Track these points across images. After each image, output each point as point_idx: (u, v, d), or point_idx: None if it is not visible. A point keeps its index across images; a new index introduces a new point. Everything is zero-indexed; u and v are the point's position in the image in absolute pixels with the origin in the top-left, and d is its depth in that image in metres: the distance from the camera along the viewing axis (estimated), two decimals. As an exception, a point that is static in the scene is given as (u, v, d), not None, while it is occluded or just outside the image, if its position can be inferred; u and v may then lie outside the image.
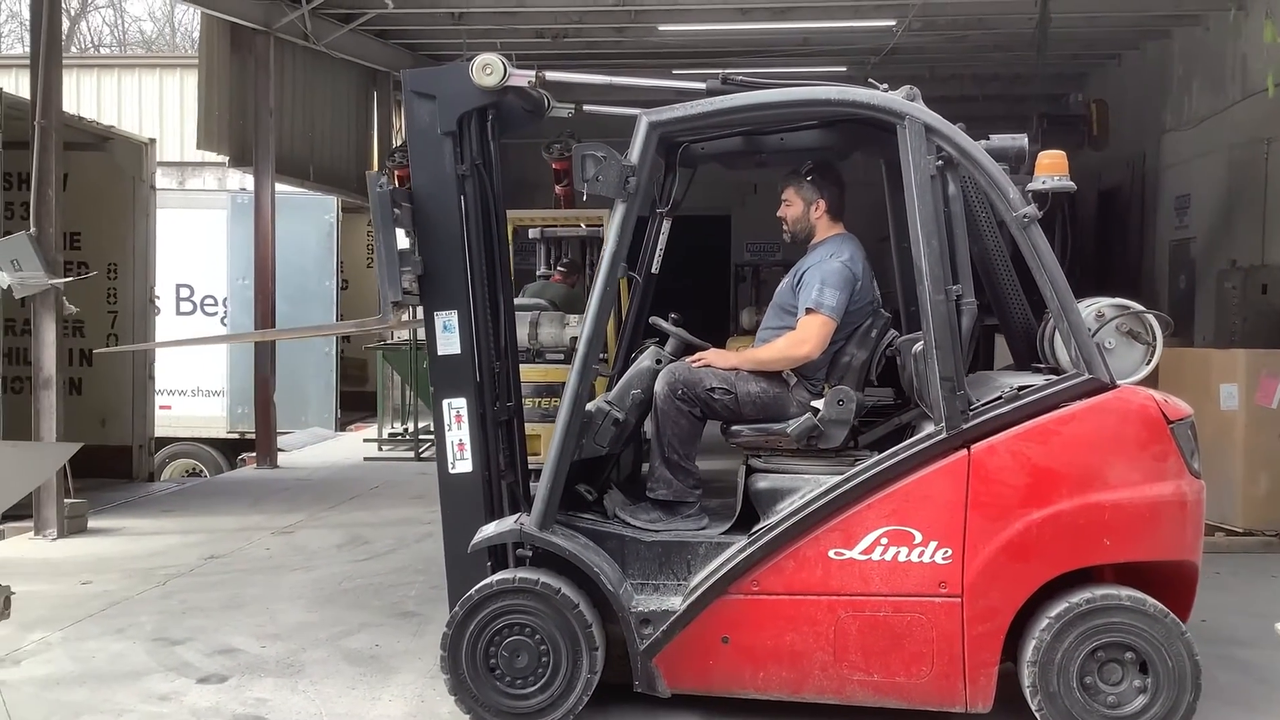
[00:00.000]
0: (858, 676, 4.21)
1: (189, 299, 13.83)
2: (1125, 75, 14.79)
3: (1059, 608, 4.08)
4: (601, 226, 9.21)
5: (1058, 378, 4.23)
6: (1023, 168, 4.47)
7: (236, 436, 13.49)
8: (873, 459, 4.26)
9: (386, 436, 12.85)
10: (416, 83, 4.56)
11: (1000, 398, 4.18)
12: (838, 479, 4.25)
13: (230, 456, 13.50)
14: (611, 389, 4.90)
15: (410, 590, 6.43)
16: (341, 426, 14.40)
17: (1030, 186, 4.23)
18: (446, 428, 4.52)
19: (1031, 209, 4.16)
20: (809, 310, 4.57)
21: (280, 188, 12.09)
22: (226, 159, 12.36)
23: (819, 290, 4.56)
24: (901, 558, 4.15)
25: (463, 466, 4.52)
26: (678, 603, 4.28)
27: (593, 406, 4.61)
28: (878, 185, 5.09)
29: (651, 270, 5.32)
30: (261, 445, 11.67)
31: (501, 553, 4.47)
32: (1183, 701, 4.03)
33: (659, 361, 4.77)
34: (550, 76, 4.54)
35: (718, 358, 4.73)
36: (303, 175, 13.16)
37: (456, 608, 4.32)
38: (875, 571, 4.17)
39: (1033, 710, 4.10)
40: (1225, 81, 11.62)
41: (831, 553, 4.19)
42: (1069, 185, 4.26)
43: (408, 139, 4.66)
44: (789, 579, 4.22)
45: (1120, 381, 4.20)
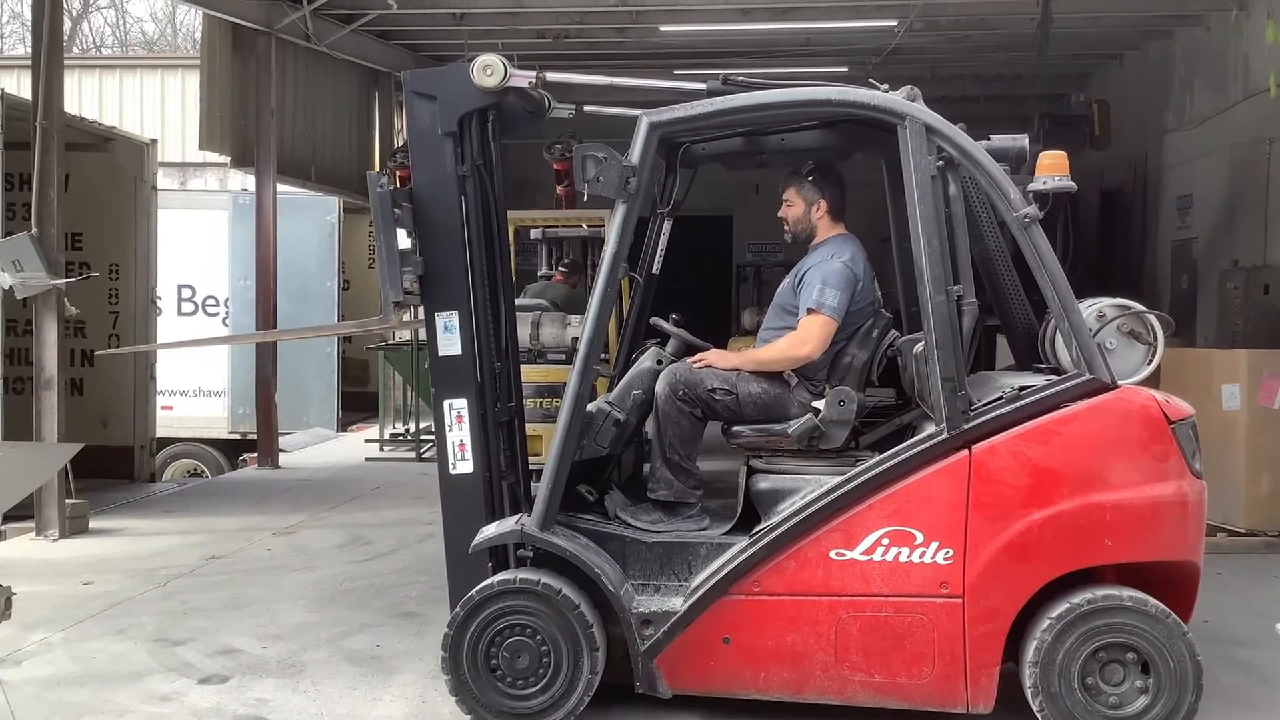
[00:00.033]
0: (859, 677, 4.20)
1: (190, 299, 13.83)
2: (1127, 75, 14.79)
3: (1060, 608, 4.08)
4: (603, 227, 9.20)
5: (1059, 378, 4.23)
6: (1024, 168, 4.47)
7: (238, 437, 13.49)
8: (874, 459, 4.26)
9: (388, 437, 12.86)
10: (417, 83, 4.56)
11: (1001, 398, 4.18)
12: (839, 479, 4.25)
13: (232, 457, 13.50)
14: (612, 390, 4.90)
15: (411, 591, 6.44)
16: (343, 427, 14.40)
17: (1031, 187, 4.23)
18: (447, 428, 4.52)
19: (1032, 209, 4.16)
20: (810, 311, 4.57)
21: (282, 188, 12.10)
22: (228, 160, 12.37)
23: (820, 290, 4.56)
24: (903, 558, 4.15)
25: (464, 467, 4.52)
26: (679, 603, 4.28)
27: (594, 407, 4.61)
28: (879, 185, 5.09)
29: (652, 271, 5.32)
30: (263, 446, 11.68)
31: (502, 553, 4.48)
32: (1184, 702, 4.03)
33: (660, 362, 4.77)
34: (551, 77, 4.54)
35: (719, 358, 4.73)
36: (304, 176, 13.18)
37: (457, 608, 4.32)
38: (876, 572, 4.17)
39: (1034, 711, 4.09)
40: (1227, 81, 11.61)
41: (833, 553, 4.19)
42: (1070, 185, 4.26)
43: (408, 139, 4.66)
44: (790, 580, 4.22)
45: (1121, 382, 4.20)
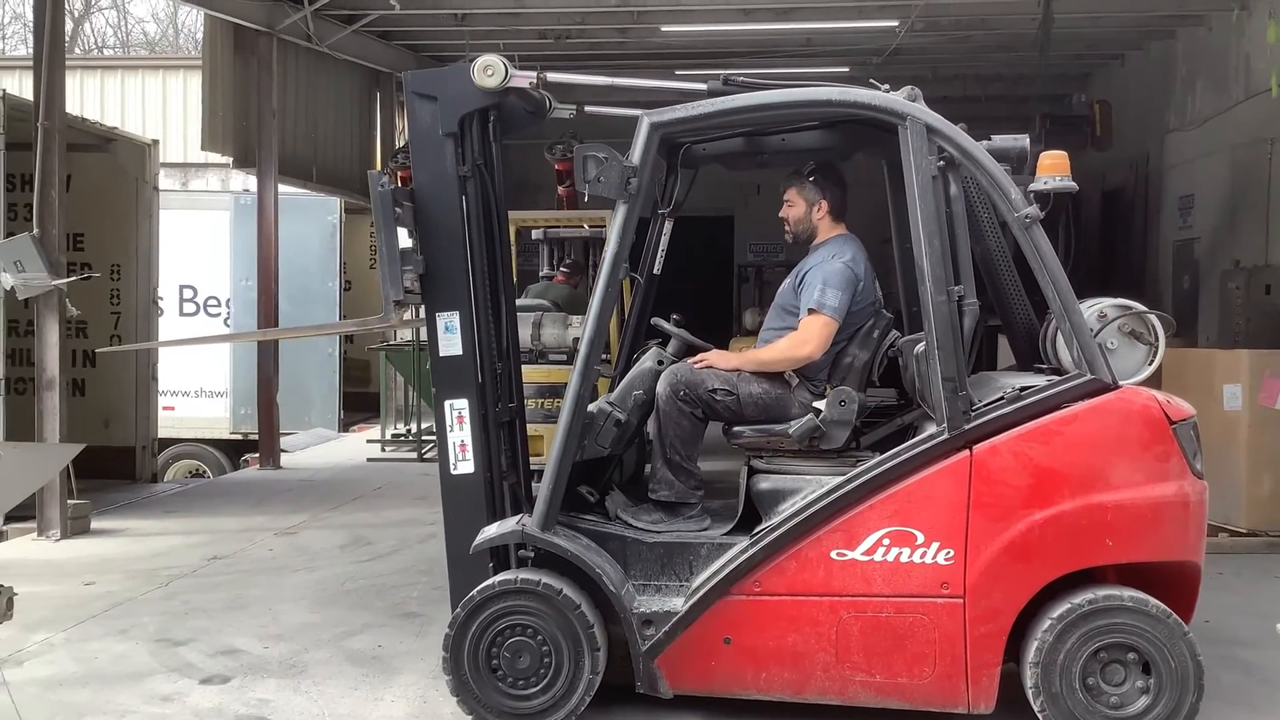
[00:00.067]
0: (860, 677, 4.20)
1: (192, 300, 13.84)
2: (1128, 75, 14.78)
3: (1061, 608, 4.07)
4: (604, 227, 9.19)
5: (1060, 378, 4.22)
6: (1025, 168, 4.46)
7: (240, 437, 13.50)
8: (875, 460, 4.26)
9: (389, 437, 12.87)
10: (418, 84, 4.56)
11: (1002, 398, 4.18)
12: (840, 480, 4.25)
13: (233, 457, 13.50)
14: (613, 390, 4.90)
15: (413, 591, 6.44)
16: (344, 427, 14.40)
17: (1032, 187, 4.23)
18: (448, 429, 4.52)
19: (1033, 209, 4.16)
20: (811, 311, 4.57)
21: (283, 189, 12.11)
22: (230, 160, 12.38)
23: (821, 291, 4.56)
24: (904, 558, 4.15)
25: (465, 467, 4.52)
26: (680, 604, 4.28)
27: (595, 407, 4.61)
28: (880, 186, 5.09)
29: (653, 271, 5.32)
30: (264, 446, 11.68)
31: (504, 554, 4.48)
32: (1185, 702, 4.03)
33: (661, 362, 4.77)
34: (552, 77, 4.53)
35: (719, 359, 4.73)
36: (305, 176, 13.19)
37: (458, 609, 4.32)
38: (877, 572, 4.16)
39: (1035, 711, 4.09)
40: (1229, 82, 11.60)
41: (834, 553, 4.19)
42: (1071, 186, 4.26)
43: (409, 140, 4.66)
44: (791, 580, 4.22)
45: (1122, 382, 4.20)
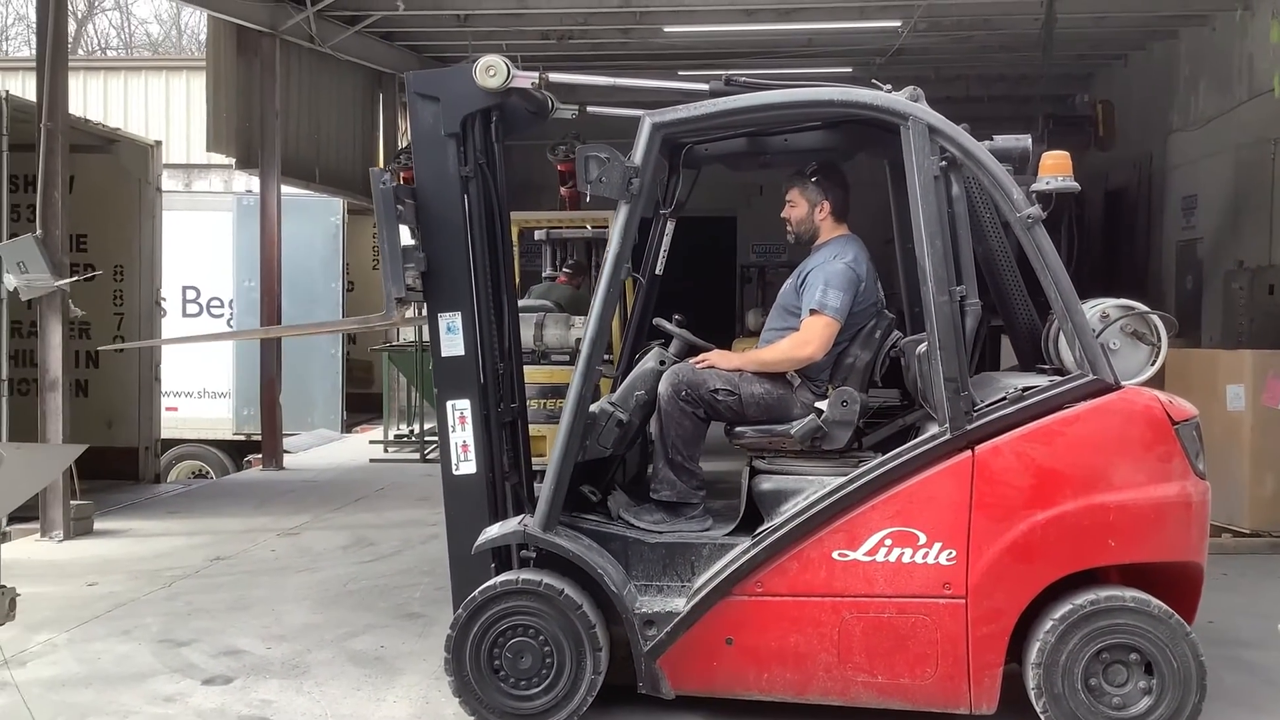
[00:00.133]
0: (862, 678, 4.20)
1: (195, 301, 13.86)
2: (1131, 76, 14.77)
3: (1063, 609, 4.07)
4: (607, 228, 9.19)
5: (1062, 379, 4.22)
6: (1027, 168, 4.46)
7: (243, 438, 13.50)
8: (877, 460, 4.25)
9: (392, 438, 12.88)
10: (420, 84, 4.56)
11: (1004, 399, 4.18)
12: (842, 480, 4.25)
13: (236, 458, 13.51)
14: (615, 390, 4.90)
15: (415, 592, 6.44)
16: (347, 428, 14.42)
17: (1034, 187, 4.22)
18: (450, 429, 4.52)
19: (1035, 210, 4.15)
20: (813, 311, 4.57)
21: (286, 190, 12.11)
22: (233, 161, 12.38)
23: (823, 291, 4.56)
24: (906, 559, 4.15)
25: (467, 468, 4.52)
26: (681, 604, 4.28)
27: (597, 408, 4.61)
28: (882, 186, 5.08)
29: (655, 271, 5.32)
30: (267, 447, 11.69)
31: (505, 554, 4.48)
32: (1188, 703, 4.03)
33: (663, 363, 4.77)
34: (554, 78, 4.53)
35: (721, 359, 4.73)
36: (308, 177, 13.20)
37: (460, 609, 4.33)
38: (879, 573, 4.16)
39: (1037, 712, 4.09)
40: (1232, 82, 11.59)
41: (835, 554, 4.19)
42: (1073, 186, 4.25)
43: (411, 141, 4.67)
44: (793, 580, 4.22)
45: (1125, 382, 4.19)
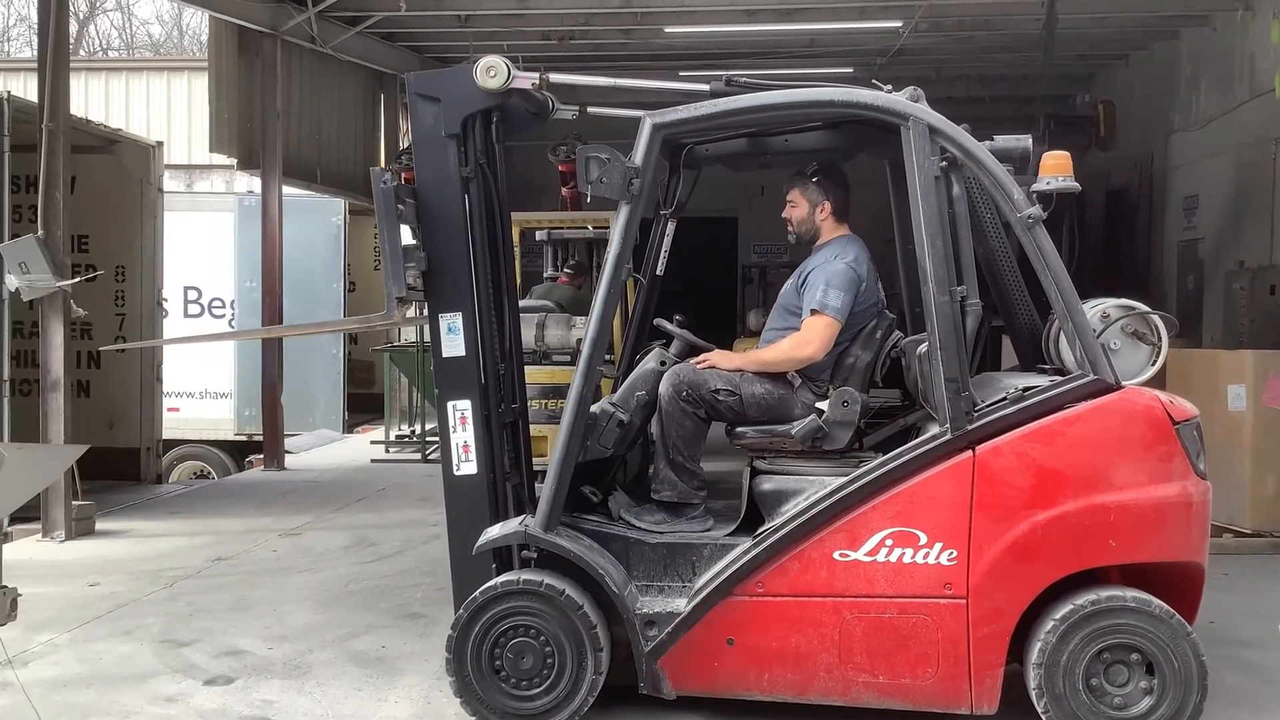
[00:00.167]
0: (863, 678, 4.20)
1: (196, 301, 13.88)
2: (1133, 76, 14.76)
3: (1064, 609, 4.07)
4: (608, 229, 9.19)
5: (1063, 379, 4.22)
6: (1028, 168, 4.46)
7: (244, 439, 13.52)
8: (877, 460, 4.25)
9: (394, 439, 12.88)
10: (421, 85, 4.57)
11: (1005, 399, 4.18)
12: (842, 480, 4.25)
13: (238, 458, 13.53)
14: (616, 391, 4.90)
15: (417, 592, 6.44)
16: (349, 428, 14.43)
17: (1034, 187, 4.22)
18: (451, 430, 4.52)
19: (1036, 210, 4.15)
20: (814, 311, 4.57)
21: (287, 190, 12.12)
22: (234, 162, 12.39)
23: (823, 291, 4.56)
24: (906, 559, 4.15)
25: (468, 468, 4.52)
26: (682, 604, 4.28)
27: (598, 408, 4.61)
28: (883, 186, 5.09)
29: (656, 272, 5.32)
30: (269, 447, 11.70)
31: (506, 554, 4.48)
32: (1189, 703, 4.03)
33: (664, 363, 4.78)
34: (555, 79, 4.53)
35: (722, 359, 4.73)
36: (310, 178, 13.20)
37: (461, 610, 4.33)
38: (880, 573, 4.16)
39: (1039, 712, 4.09)
40: (1233, 82, 11.59)
41: (836, 554, 4.19)
42: (1073, 186, 4.25)
43: (412, 141, 4.67)
44: (794, 581, 4.22)
45: (1126, 382, 4.19)
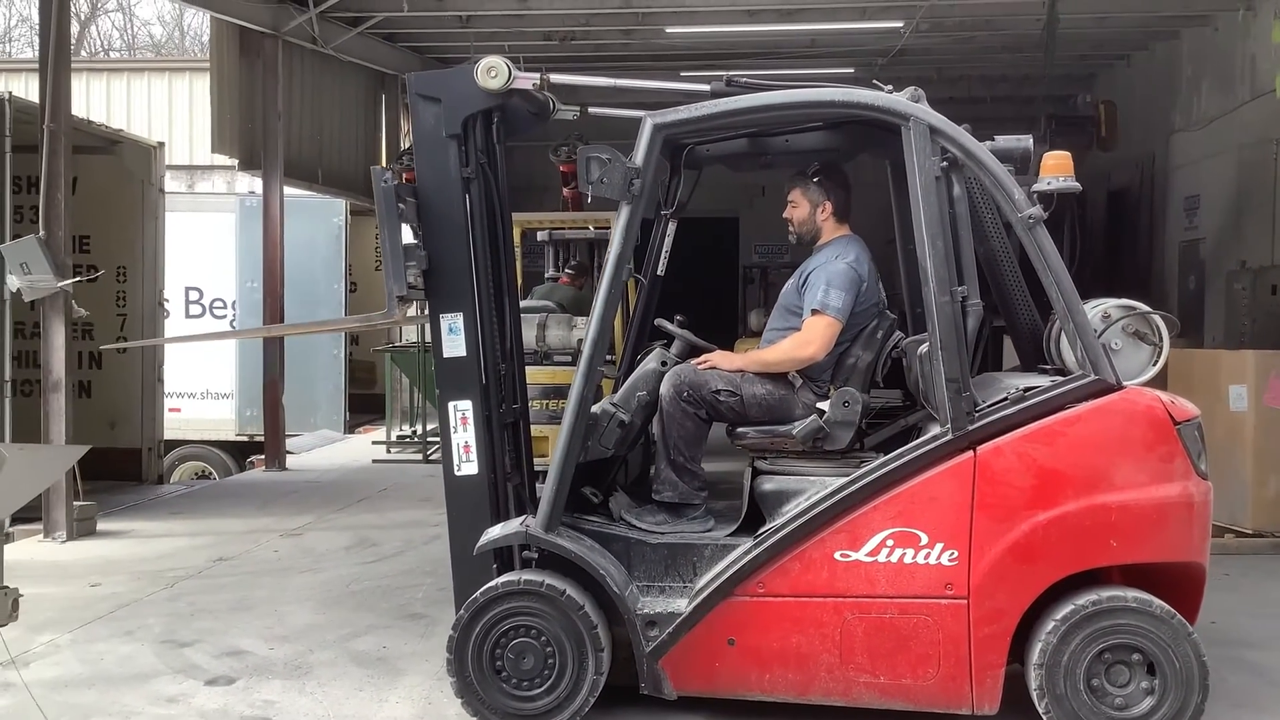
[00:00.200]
0: (864, 678, 4.20)
1: (198, 302, 13.89)
2: (1134, 76, 14.76)
3: (1065, 609, 4.07)
4: (609, 229, 9.19)
5: (1064, 379, 4.22)
6: (1029, 169, 4.46)
7: (245, 439, 13.53)
8: (878, 460, 4.25)
9: (395, 439, 12.89)
10: (421, 85, 4.57)
11: (1006, 399, 4.18)
12: (843, 481, 4.24)
13: (239, 459, 13.54)
14: (617, 391, 4.90)
15: (418, 592, 6.44)
16: (350, 429, 14.44)
17: (1035, 188, 4.22)
18: (452, 430, 4.53)
19: (1037, 210, 4.15)
20: (814, 311, 4.57)
21: (288, 191, 12.13)
22: (236, 162, 12.40)
23: (824, 291, 4.56)
24: (907, 559, 4.14)
25: (468, 469, 4.52)
26: (683, 605, 4.28)
27: (598, 409, 4.61)
28: (884, 186, 5.08)
29: (657, 272, 5.32)
30: (270, 448, 11.70)
31: (507, 555, 4.48)
32: (1191, 703, 4.02)
33: (665, 364, 4.78)
34: (555, 79, 4.54)
35: (723, 359, 4.73)
36: (311, 178, 13.21)
37: (462, 610, 4.33)
38: (881, 573, 4.16)
39: (1040, 712, 4.09)
40: (1234, 82, 11.58)
41: (837, 554, 4.19)
42: (1074, 186, 4.25)
43: (413, 142, 4.67)
44: (795, 581, 4.22)
45: (1127, 383, 4.19)
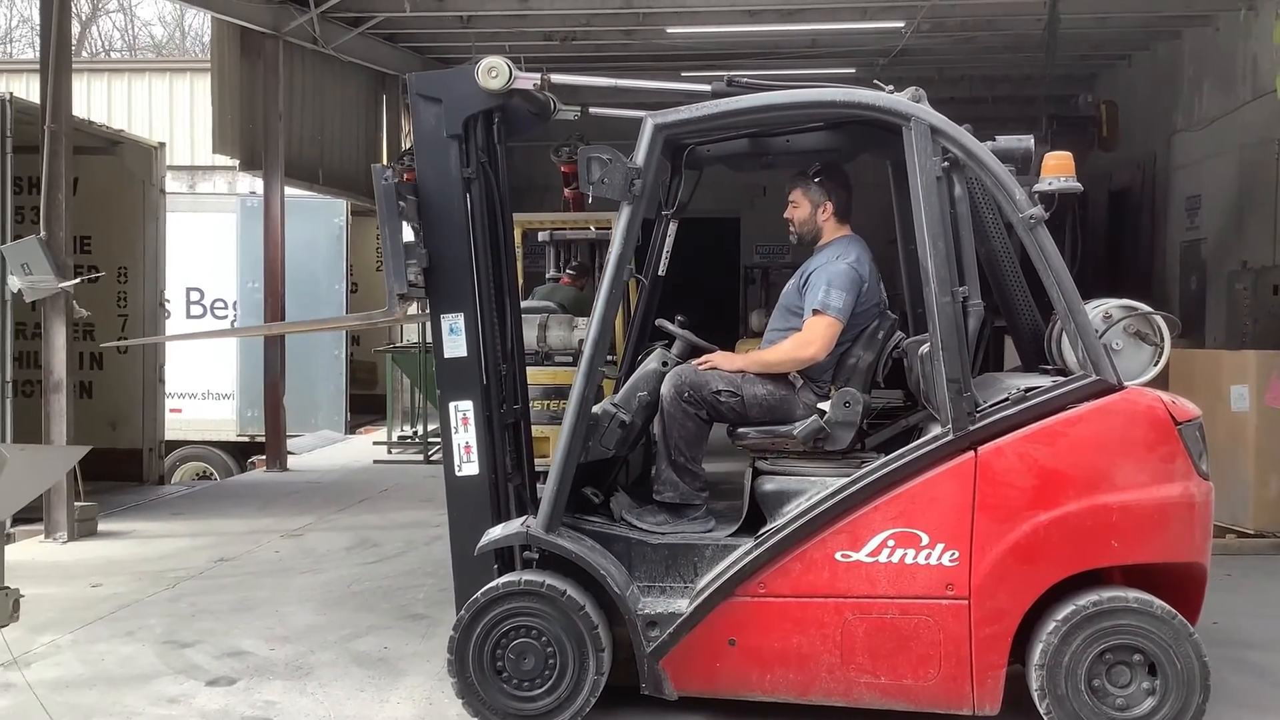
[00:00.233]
0: (865, 679, 4.20)
1: (199, 302, 13.90)
2: (1135, 76, 14.75)
3: (1066, 610, 4.07)
4: (610, 229, 9.19)
5: (1065, 379, 4.22)
6: (1030, 169, 4.46)
7: (246, 439, 13.54)
8: (879, 461, 4.25)
9: (396, 439, 12.88)
10: (422, 86, 4.57)
11: (1007, 399, 4.17)
12: (844, 481, 4.24)
13: (240, 459, 13.55)
14: (618, 391, 4.90)
15: (419, 593, 6.44)
16: (351, 429, 14.45)
17: (1036, 188, 4.22)
18: (453, 430, 4.52)
19: (1038, 210, 4.15)
20: (815, 312, 4.56)
21: (289, 191, 12.13)
22: (236, 163, 12.40)
23: (825, 292, 4.56)
24: (908, 560, 4.14)
25: (469, 469, 4.52)
26: (684, 605, 4.27)
27: (599, 409, 4.61)
28: (885, 187, 5.08)
29: (658, 272, 5.32)
30: (271, 448, 11.71)
31: (508, 555, 4.48)
32: (1192, 703, 4.02)
33: (665, 364, 4.78)
34: (556, 79, 4.53)
35: (724, 360, 4.73)
36: (312, 179, 13.21)
37: (463, 611, 4.33)
38: (882, 574, 4.16)
39: (1041, 713, 4.08)
40: (1236, 82, 11.58)
41: (838, 555, 4.19)
42: (1075, 186, 4.25)
43: (414, 142, 4.67)
44: (795, 581, 4.21)
45: (1128, 383, 4.19)
